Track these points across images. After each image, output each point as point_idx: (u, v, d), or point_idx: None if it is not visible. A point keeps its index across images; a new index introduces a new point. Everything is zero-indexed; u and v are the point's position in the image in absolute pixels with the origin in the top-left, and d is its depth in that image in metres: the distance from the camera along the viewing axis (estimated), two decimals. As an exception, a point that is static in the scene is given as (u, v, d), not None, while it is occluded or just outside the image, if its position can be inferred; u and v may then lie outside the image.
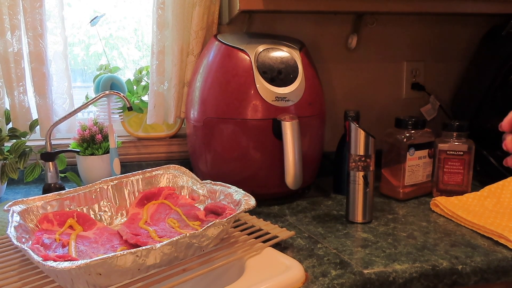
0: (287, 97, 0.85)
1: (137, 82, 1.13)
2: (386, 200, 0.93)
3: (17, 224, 0.58)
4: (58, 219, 0.66)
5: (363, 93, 1.22)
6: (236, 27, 1.10)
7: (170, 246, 0.54)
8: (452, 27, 1.25)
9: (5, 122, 1.00)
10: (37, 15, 0.95)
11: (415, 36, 1.24)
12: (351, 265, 0.63)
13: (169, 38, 1.03)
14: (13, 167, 0.92)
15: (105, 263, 0.48)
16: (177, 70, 1.04)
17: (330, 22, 1.16)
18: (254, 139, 0.85)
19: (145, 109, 1.10)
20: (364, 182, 0.78)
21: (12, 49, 0.96)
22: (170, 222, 0.69)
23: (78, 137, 0.98)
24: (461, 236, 0.74)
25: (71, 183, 1.03)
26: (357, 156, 0.78)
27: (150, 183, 0.79)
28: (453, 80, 1.27)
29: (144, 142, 1.13)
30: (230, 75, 0.86)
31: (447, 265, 0.64)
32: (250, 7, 0.89)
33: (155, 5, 1.01)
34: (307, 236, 0.74)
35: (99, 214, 0.72)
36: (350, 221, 0.81)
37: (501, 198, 0.86)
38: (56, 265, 0.47)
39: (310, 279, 0.59)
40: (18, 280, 0.53)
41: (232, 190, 0.70)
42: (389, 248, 0.69)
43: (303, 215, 0.84)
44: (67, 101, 1.05)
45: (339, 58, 1.18)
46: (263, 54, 0.86)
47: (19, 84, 0.98)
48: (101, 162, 0.98)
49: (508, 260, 0.66)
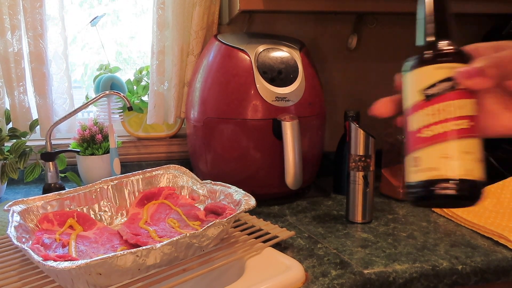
0: (287, 97, 0.85)
1: (137, 82, 1.13)
2: (386, 200, 0.93)
3: (17, 224, 0.58)
4: (58, 219, 0.65)
5: (363, 93, 1.22)
6: (236, 27, 1.10)
7: (170, 246, 0.54)
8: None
9: (5, 122, 1.00)
10: (37, 15, 0.95)
11: (415, 36, 1.23)
12: (351, 265, 0.63)
13: (169, 38, 1.03)
14: (13, 167, 0.92)
15: (105, 263, 0.48)
16: (177, 70, 1.04)
17: (330, 22, 1.16)
18: (254, 139, 0.85)
19: (145, 109, 1.10)
20: (364, 182, 0.78)
21: (12, 49, 0.96)
22: (170, 222, 0.69)
23: (78, 137, 0.98)
24: (461, 236, 0.74)
25: (71, 183, 1.03)
26: (357, 156, 0.78)
27: (150, 183, 0.79)
28: (453, 80, 1.27)
29: (144, 142, 1.13)
30: (230, 75, 0.86)
31: (447, 265, 0.64)
32: (250, 7, 0.89)
33: (155, 5, 1.01)
34: (307, 236, 0.74)
35: (99, 214, 0.72)
36: (350, 221, 0.81)
37: (501, 198, 0.86)
38: (56, 265, 0.47)
39: (310, 279, 0.59)
40: (18, 280, 0.53)
41: (232, 190, 0.70)
42: (389, 248, 0.69)
43: (303, 215, 0.84)
44: (67, 101, 1.05)
45: (339, 58, 1.18)
46: (263, 54, 0.86)
47: (19, 84, 0.98)
48: (101, 162, 0.98)
49: (508, 260, 0.66)
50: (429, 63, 0.37)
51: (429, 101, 0.36)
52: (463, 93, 0.35)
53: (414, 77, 0.38)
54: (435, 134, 0.35)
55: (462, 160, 0.34)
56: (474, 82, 0.34)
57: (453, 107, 0.35)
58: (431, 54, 0.37)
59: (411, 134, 0.37)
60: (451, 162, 0.34)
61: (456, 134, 0.34)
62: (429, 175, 0.35)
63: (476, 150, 0.35)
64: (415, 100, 0.37)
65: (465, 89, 0.35)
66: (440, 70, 0.36)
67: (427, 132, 0.35)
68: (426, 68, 0.37)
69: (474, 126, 0.35)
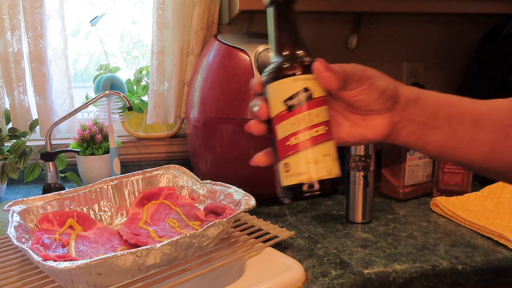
0: (287, 97, 0.85)
1: (137, 82, 1.13)
2: (386, 200, 0.93)
3: (17, 224, 0.58)
4: (58, 219, 0.65)
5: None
6: (236, 27, 1.10)
7: (170, 246, 0.54)
8: (452, 27, 1.25)
9: (5, 122, 1.00)
10: (37, 15, 0.95)
11: (415, 36, 1.24)
12: (351, 265, 0.63)
13: (169, 38, 1.03)
14: (13, 167, 0.92)
15: (105, 263, 0.48)
16: (177, 70, 1.04)
17: (330, 22, 1.16)
18: (254, 139, 0.85)
19: (145, 109, 1.10)
20: (364, 182, 0.78)
21: (12, 49, 0.96)
22: (170, 222, 0.69)
23: (78, 137, 0.98)
24: (461, 236, 0.74)
25: (71, 183, 1.03)
26: (357, 156, 0.78)
27: (150, 183, 0.79)
28: (453, 80, 1.28)
29: (144, 142, 1.13)
30: (230, 75, 0.86)
31: (447, 265, 0.64)
32: (250, 7, 0.89)
33: (155, 5, 1.01)
34: (307, 236, 0.74)
35: (99, 214, 0.72)
36: (350, 221, 0.81)
37: (501, 198, 0.86)
38: (56, 265, 0.47)
39: (310, 279, 0.59)
40: (18, 280, 0.53)
41: (232, 190, 0.70)
42: (389, 248, 0.69)
43: (303, 215, 0.84)
44: (67, 101, 1.05)
45: (339, 58, 1.18)
46: (263, 54, 0.86)
47: (19, 84, 0.98)
48: (101, 162, 0.98)
49: (508, 260, 0.66)
50: (287, 76, 0.40)
51: (291, 112, 0.40)
52: (319, 101, 0.40)
53: (275, 89, 0.41)
54: (300, 142, 0.39)
55: (324, 163, 0.40)
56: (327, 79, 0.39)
57: (312, 115, 0.40)
58: (288, 67, 0.40)
59: (280, 142, 0.41)
60: (316, 166, 0.39)
61: (317, 140, 0.40)
62: (299, 179, 0.40)
63: (333, 151, 0.41)
64: (279, 111, 0.40)
65: (320, 98, 0.40)
66: (297, 82, 0.40)
67: (293, 140, 0.40)
68: (284, 80, 0.40)
69: (329, 130, 0.41)
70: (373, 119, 0.43)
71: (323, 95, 0.41)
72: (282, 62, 0.41)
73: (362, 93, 0.41)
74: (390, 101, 0.42)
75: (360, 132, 0.44)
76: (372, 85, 0.41)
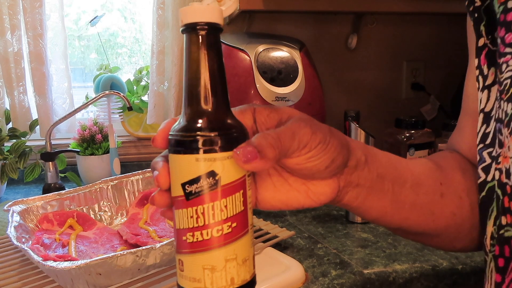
0: (287, 97, 0.85)
1: (137, 82, 1.13)
2: (386, 200, 0.93)
3: (17, 224, 0.58)
4: (58, 219, 0.66)
5: (363, 93, 1.22)
6: (236, 27, 1.10)
7: (170, 246, 0.54)
8: (452, 27, 1.25)
9: (5, 122, 1.00)
10: (37, 15, 0.95)
11: (415, 36, 1.24)
12: (351, 265, 0.63)
13: (169, 38, 1.03)
14: (13, 167, 0.92)
15: (105, 263, 0.48)
16: (177, 70, 1.04)
17: (330, 22, 1.16)
18: (254, 139, 0.85)
19: (145, 109, 1.10)
20: (364, 182, 0.78)
21: (12, 49, 0.96)
22: (170, 222, 0.69)
23: (78, 137, 0.98)
24: (461, 236, 0.74)
25: (71, 183, 1.03)
26: (357, 156, 0.78)
27: (150, 183, 0.79)
28: (453, 80, 1.27)
29: (144, 142, 1.13)
30: (230, 75, 0.86)
31: (447, 265, 0.64)
32: (250, 7, 0.89)
33: (155, 5, 1.01)
34: (307, 236, 0.74)
35: (99, 214, 0.72)
36: (350, 221, 0.81)
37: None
38: (56, 265, 0.47)
39: (310, 279, 0.59)
40: (18, 280, 0.53)
41: (232, 190, 0.70)
42: (389, 248, 0.69)
43: (303, 215, 0.84)
44: (67, 101, 1.05)
45: (339, 58, 1.18)
46: (263, 54, 0.86)
47: (19, 84, 0.98)
48: (101, 162, 0.98)
49: (508, 260, 0.66)
50: (186, 153, 0.29)
51: (189, 201, 0.29)
52: (229, 189, 0.30)
53: (173, 163, 0.30)
54: (196, 241, 0.30)
55: (224, 271, 0.30)
56: (252, 166, 0.29)
57: (216, 209, 0.29)
58: (189, 139, 0.29)
59: (177, 232, 0.31)
60: (212, 275, 0.30)
61: (219, 242, 0.30)
62: (192, 286, 0.30)
63: (240, 252, 0.31)
64: (177, 194, 0.30)
65: (231, 184, 0.30)
66: (200, 164, 0.29)
67: (189, 238, 0.30)
68: (183, 157, 0.29)
69: (238, 226, 0.30)
70: (315, 186, 0.35)
71: (238, 178, 0.30)
72: (185, 127, 0.30)
73: (309, 161, 0.33)
74: (340, 167, 0.35)
75: (297, 200, 0.36)
76: (322, 152, 0.33)
